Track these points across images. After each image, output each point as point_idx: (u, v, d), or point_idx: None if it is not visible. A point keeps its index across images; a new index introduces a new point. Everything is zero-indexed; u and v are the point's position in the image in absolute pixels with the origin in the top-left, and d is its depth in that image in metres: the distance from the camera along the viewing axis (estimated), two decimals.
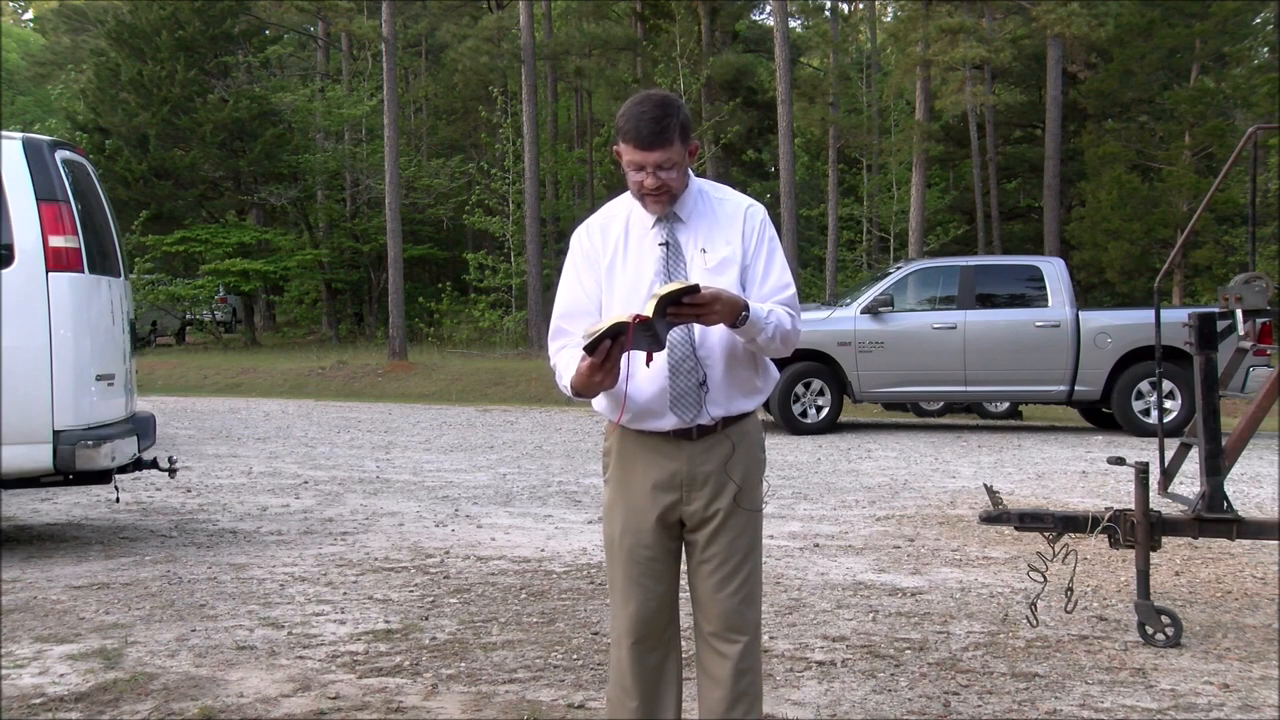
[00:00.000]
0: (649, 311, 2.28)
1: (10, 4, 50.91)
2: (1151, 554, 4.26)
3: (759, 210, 2.63)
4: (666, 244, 2.56)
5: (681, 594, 2.71)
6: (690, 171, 2.62)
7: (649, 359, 2.43)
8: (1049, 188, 23.90)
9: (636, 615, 2.59)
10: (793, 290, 2.62)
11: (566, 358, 2.56)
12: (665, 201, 2.54)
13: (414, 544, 6.09)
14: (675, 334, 2.48)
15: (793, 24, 29.71)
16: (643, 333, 2.31)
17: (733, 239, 2.58)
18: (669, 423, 2.52)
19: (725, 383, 2.53)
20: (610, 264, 2.59)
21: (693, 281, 2.42)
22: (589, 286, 2.61)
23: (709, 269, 2.53)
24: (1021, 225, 30.73)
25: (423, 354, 21.62)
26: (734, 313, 2.40)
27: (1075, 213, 25.58)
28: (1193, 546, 5.92)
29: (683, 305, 2.33)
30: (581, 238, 2.65)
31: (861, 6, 34.95)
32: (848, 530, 6.48)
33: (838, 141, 28.28)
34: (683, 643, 2.76)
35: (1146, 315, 11.20)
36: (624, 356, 2.39)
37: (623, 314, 2.32)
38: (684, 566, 2.69)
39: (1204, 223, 22.32)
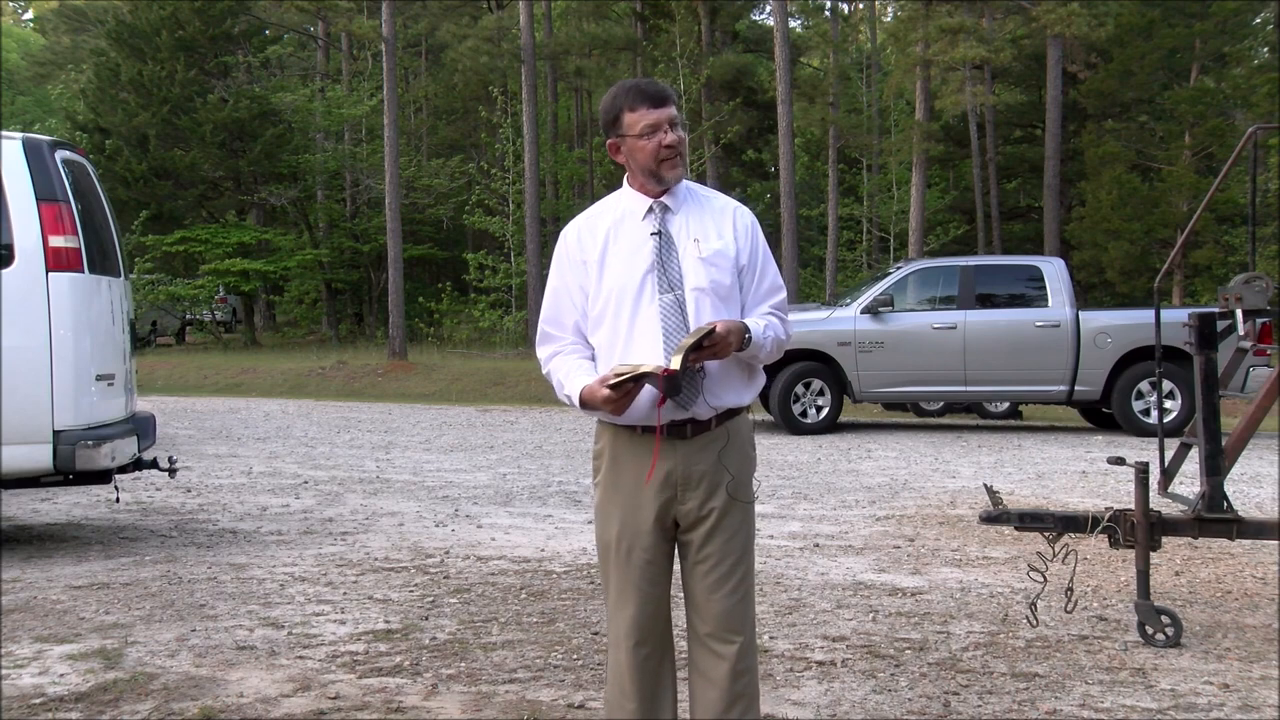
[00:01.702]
0: (675, 365, 2.37)
1: (10, 4, 50.92)
2: (1151, 554, 4.26)
3: (748, 213, 2.68)
4: (659, 233, 2.58)
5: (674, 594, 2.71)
6: None
7: (662, 400, 2.49)
8: (1049, 188, 23.89)
9: (635, 619, 2.59)
10: (784, 293, 2.70)
11: (563, 368, 2.61)
12: (680, 165, 2.59)
13: (414, 544, 6.09)
14: (672, 320, 2.52)
15: (793, 24, 29.70)
16: (668, 382, 2.42)
17: (725, 233, 2.61)
18: (665, 412, 2.52)
19: (722, 371, 2.55)
20: (601, 256, 2.60)
21: (689, 275, 2.53)
22: (574, 292, 2.64)
23: (702, 258, 2.56)
24: (1021, 225, 30.73)
25: (423, 354, 21.61)
26: (740, 339, 2.48)
27: (1075, 213, 25.57)
28: (1193, 546, 5.92)
29: (702, 349, 2.42)
30: (568, 240, 2.67)
31: (861, 6, 34.97)
32: (848, 530, 6.48)
33: (838, 141, 28.28)
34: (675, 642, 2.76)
35: (1146, 315, 11.20)
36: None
37: (652, 365, 2.42)
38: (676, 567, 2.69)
39: (1204, 223, 22.32)
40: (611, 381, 2.41)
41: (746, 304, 2.61)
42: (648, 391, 2.49)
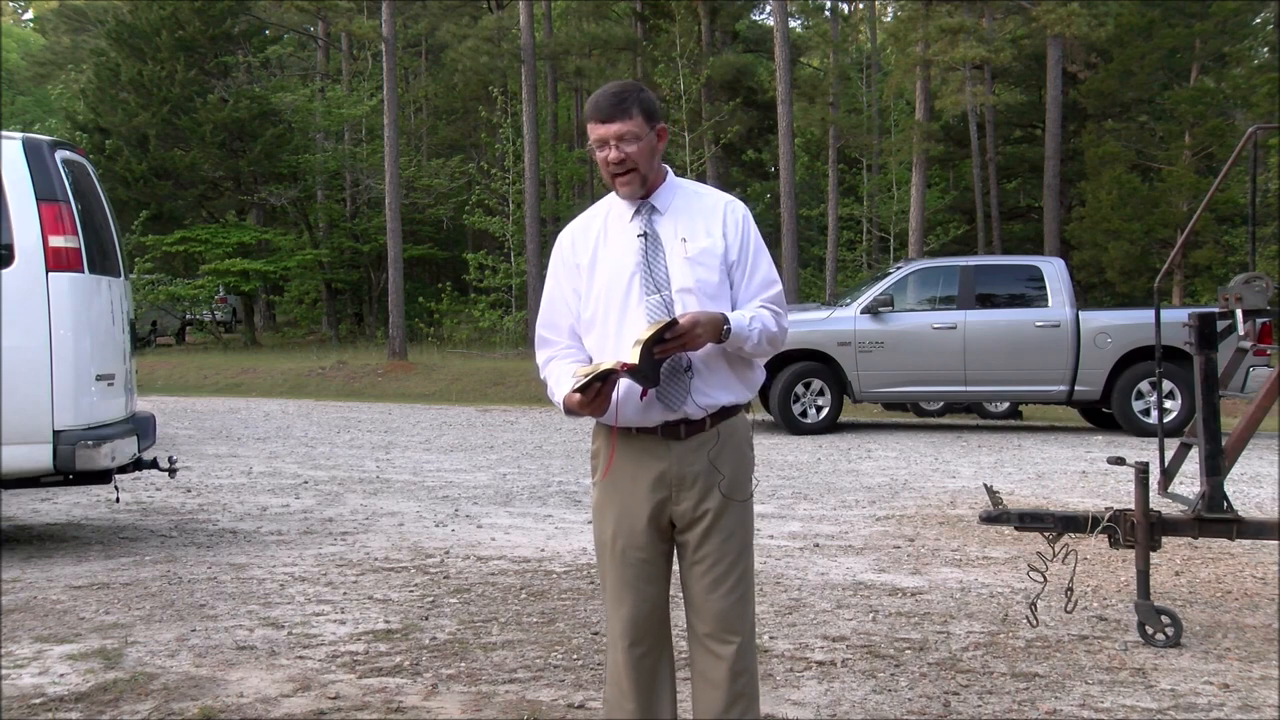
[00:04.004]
0: (634, 359, 2.33)
1: (10, 4, 50.93)
2: (1151, 554, 4.26)
3: (740, 206, 2.64)
4: (645, 234, 2.56)
5: (673, 594, 2.71)
6: (669, 169, 2.65)
7: (644, 393, 2.47)
8: (1049, 188, 23.89)
9: (631, 618, 2.59)
10: (779, 288, 2.63)
11: (555, 373, 2.61)
12: (634, 182, 2.54)
13: (414, 544, 6.09)
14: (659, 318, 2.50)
15: (793, 24, 29.69)
16: (633, 376, 2.38)
17: (713, 230, 2.58)
18: (656, 414, 2.52)
19: (710, 369, 2.53)
20: (592, 259, 2.60)
21: (675, 276, 2.52)
22: (569, 296, 2.64)
23: (689, 257, 2.54)
24: (1021, 225, 30.73)
25: (423, 354, 21.61)
26: (716, 330, 2.44)
27: (1075, 213, 25.57)
28: (1193, 546, 5.92)
29: (668, 341, 2.38)
30: (563, 244, 2.68)
31: (861, 6, 34.98)
32: (848, 530, 6.48)
33: (838, 141, 28.28)
34: (675, 642, 2.76)
35: (1146, 315, 11.20)
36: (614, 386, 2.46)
37: (611, 361, 2.40)
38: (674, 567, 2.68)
39: (1204, 223, 22.31)
40: (578, 385, 2.40)
41: (738, 299, 2.57)
42: (636, 393, 2.48)
